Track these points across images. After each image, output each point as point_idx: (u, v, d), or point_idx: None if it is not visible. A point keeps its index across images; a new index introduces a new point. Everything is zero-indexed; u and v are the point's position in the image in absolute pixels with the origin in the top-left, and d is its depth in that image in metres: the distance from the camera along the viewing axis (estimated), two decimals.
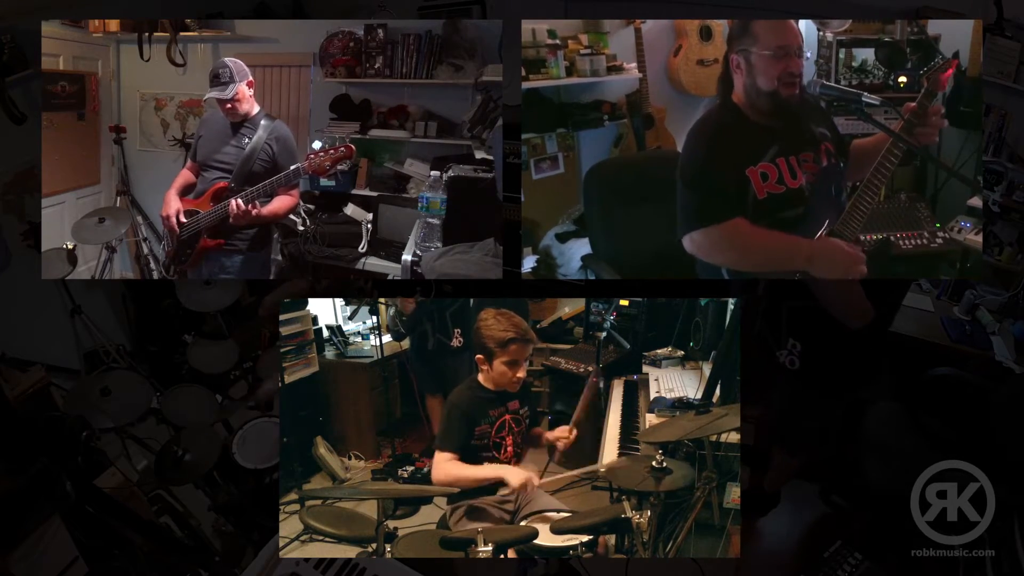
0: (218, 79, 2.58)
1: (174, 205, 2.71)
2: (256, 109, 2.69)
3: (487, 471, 2.00)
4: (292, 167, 2.56)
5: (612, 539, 1.98)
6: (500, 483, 2.00)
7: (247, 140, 2.64)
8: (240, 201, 2.52)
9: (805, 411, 2.62)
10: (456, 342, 3.36)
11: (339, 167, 3.49)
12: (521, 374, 2.05)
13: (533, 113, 3.02)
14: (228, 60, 2.61)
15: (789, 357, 2.49)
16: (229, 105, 2.62)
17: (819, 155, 1.89)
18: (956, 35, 2.97)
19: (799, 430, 2.72)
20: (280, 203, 2.66)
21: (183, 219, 2.68)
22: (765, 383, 2.78)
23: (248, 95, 2.66)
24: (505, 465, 2.05)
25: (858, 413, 2.77)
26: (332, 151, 2.54)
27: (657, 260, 2.46)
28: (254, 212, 2.55)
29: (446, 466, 2.00)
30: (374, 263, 3.53)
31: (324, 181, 3.55)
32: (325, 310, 3.63)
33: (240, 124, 2.67)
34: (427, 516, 2.30)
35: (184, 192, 2.77)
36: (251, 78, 2.65)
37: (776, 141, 1.81)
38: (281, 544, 2.16)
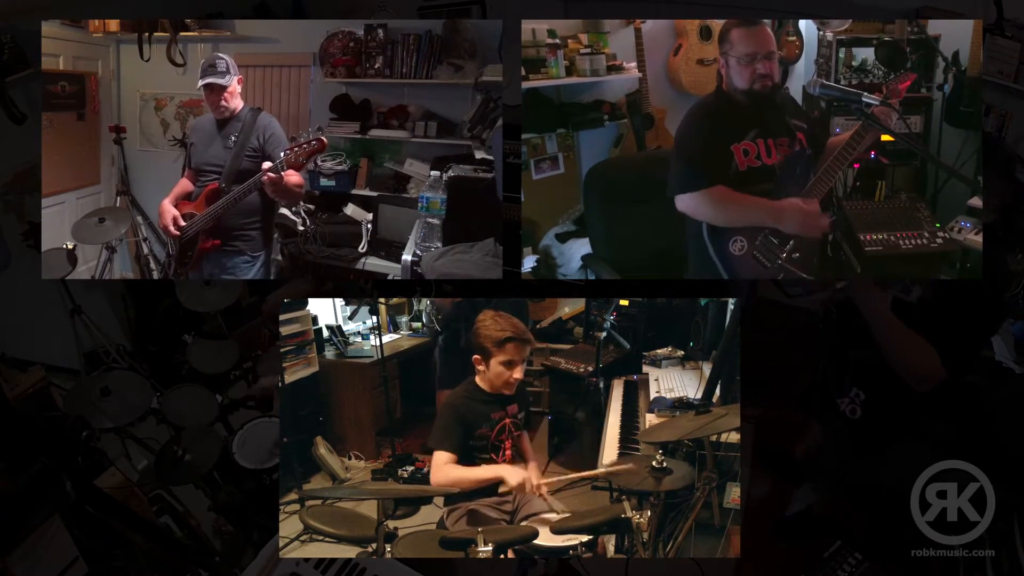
0: (215, 68, 2.61)
1: (169, 214, 2.73)
2: (240, 105, 2.72)
3: (486, 472, 2.00)
4: (276, 159, 2.56)
5: (612, 539, 1.98)
6: (499, 483, 2.00)
7: (233, 139, 2.67)
8: (269, 174, 2.52)
9: (867, 463, 2.57)
10: None
11: (338, 168, 3.55)
12: (518, 375, 2.05)
13: (533, 113, 3.02)
14: (223, 54, 2.66)
15: (851, 406, 2.43)
16: (222, 98, 2.64)
17: (794, 141, 2.14)
18: (956, 35, 2.97)
19: (852, 477, 2.71)
20: (297, 175, 2.66)
21: (181, 223, 2.70)
22: (825, 431, 2.81)
23: (238, 91, 2.70)
24: (503, 465, 2.04)
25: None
26: (305, 145, 2.54)
27: (657, 260, 2.46)
28: (285, 179, 2.54)
29: (445, 469, 1.99)
30: (374, 263, 3.53)
31: (324, 181, 3.55)
32: (325, 310, 3.63)
33: (226, 122, 2.70)
34: (427, 516, 2.30)
35: (183, 199, 2.79)
36: (240, 75, 2.70)
37: (757, 125, 2.10)
38: (281, 544, 2.16)
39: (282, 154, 2.53)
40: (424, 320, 3.54)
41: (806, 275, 2.09)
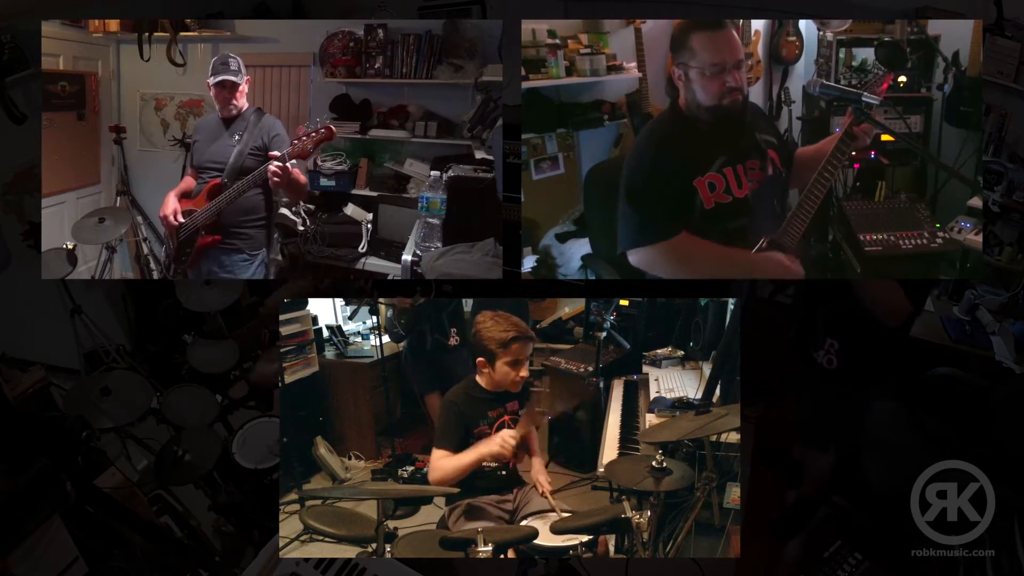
0: (227, 66, 2.65)
1: (171, 205, 2.75)
2: (247, 106, 2.74)
3: (472, 454, 2.00)
4: (279, 154, 2.57)
5: (612, 539, 1.98)
6: (491, 462, 2.01)
7: (238, 137, 2.68)
8: (275, 164, 2.53)
9: (846, 409, 2.60)
10: (453, 341, 3.37)
11: (338, 167, 3.55)
12: (524, 373, 2.06)
13: (533, 113, 3.02)
14: (232, 54, 2.69)
15: (827, 356, 2.48)
16: (233, 96, 2.67)
17: (765, 163, 1.89)
18: (956, 35, 2.97)
19: (833, 427, 2.71)
20: (299, 172, 2.69)
21: (180, 219, 2.70)
22: (803, 386, 2.80)
23: (246, 91, 2.74)
24: (483, 443, 2.03)
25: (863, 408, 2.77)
26: (313, 134, 2.56)
27: None
28: (292, 172, 2.57)
29: (439, 464, 2.01)
30: (374, 263, 3.53)
31: (324, 181, 3.55)
32: (325, 310, 3.63)
33: (232, 121, 2.72)
34: (427, 516, 2.30)
35: (184, 196, 2.80)
36: (249, 76, 2.73)
37: (724, 150, 1.81)
38: (281, 544, 2.16)
39: (290, 144, 2.56)
40: (386, 326, 3.52)
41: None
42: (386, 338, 3.54)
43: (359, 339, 3.77)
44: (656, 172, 1.81)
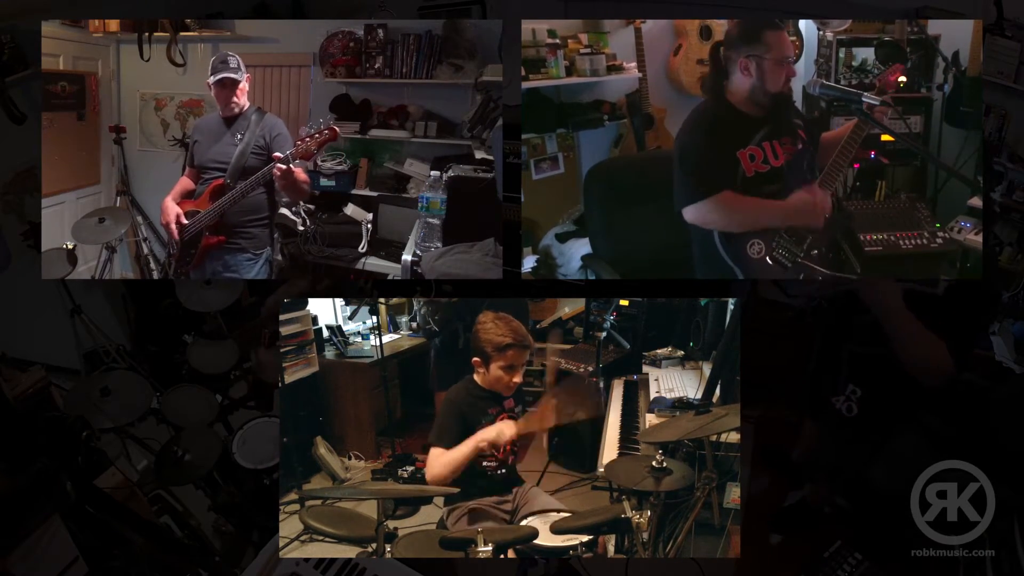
0: (227, 64, 2.64)
1: (172, 211, 2.73)
2: (248, 104, 2.74)
3: (468, 444, 1.97)
4: (283, 154, 2.56)
5: (612, 539, 1.98)
6: (488, 451, 1.99)
7: (240, 136, 2.67)
8: (279, 165, 2.54)
9: (862, 450, 2.58)
10: None
11: (338, 168, 3.55)
12: (517, 379, 2.05)
13: (533, 113, 3.02)
14: (232, 53, 2.68)
15: (847, 404, 2.42)
16: (234, 94, 2.67)
17: (796, 139, 2.11)
18: (956, 35, 2.97)
19: (846, 463, 2.70)
20: (302, 172, 2.69)
21: (184, 221, 2.70)
22: (820, 431, 2.80)
23: (247, 90, 2.72)
24: (481, 432, 2.01)
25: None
26: (317, 135, 2.55)
27: (657, 260, 2.47)
28: (295, 173, 2.58)
29: (436, 461, 1.99)
30: (374, 263, 3.53)
31: (324, 181, 3.55)
32: (325, 310, 3.63)
33: (233, 121, 2.71)
34: (427, 516, 2.30)
35: (184, 197, 2.79)
36: (249, 75, 2.73)
37: (762, 129, 2.06)
38: (281, 544, 2.16)
39: (294, 144, 2.56)
40: (419, 322, 3.52)
41: (826, 271, 2.06)
42: (388, 337, 3.54)
43: (359, 339, 3.77)
44: (706, 151, 2.09)
